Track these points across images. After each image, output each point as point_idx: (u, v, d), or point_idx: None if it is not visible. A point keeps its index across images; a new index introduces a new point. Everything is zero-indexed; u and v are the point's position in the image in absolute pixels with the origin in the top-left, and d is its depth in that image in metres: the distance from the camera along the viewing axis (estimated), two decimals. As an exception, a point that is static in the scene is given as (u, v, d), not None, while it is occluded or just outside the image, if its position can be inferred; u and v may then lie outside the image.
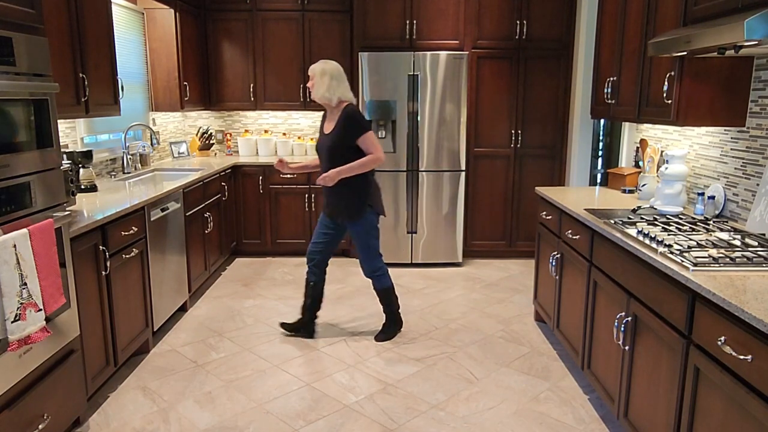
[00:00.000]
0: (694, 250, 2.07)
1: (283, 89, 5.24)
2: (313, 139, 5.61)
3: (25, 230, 2.02)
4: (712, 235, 2.31)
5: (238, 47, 5.19)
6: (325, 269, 3.49)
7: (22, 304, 1.99)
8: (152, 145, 4.32)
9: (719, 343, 1.67)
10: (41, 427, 2.16)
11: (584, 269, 2.81)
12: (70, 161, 3.27)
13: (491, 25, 4.77)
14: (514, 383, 2.96)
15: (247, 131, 5.58)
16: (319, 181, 3.20)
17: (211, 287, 4.43)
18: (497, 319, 3.81)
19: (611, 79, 3.30)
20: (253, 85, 5.24)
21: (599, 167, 5.36)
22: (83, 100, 3.10)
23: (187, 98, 4.80)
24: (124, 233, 2.93)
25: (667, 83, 2.62)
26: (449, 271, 4.87)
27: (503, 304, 4.10)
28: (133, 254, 3.04)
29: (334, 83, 3.19)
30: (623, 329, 2.33)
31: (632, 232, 2.39)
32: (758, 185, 2.48)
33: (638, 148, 3.57)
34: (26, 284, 2.01)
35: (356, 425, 2.57)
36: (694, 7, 2.43)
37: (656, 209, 2.82)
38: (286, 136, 5.63)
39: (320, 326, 3.67)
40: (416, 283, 4.55)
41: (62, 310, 2.33)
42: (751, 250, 2.06)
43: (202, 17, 5.13)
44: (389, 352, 3.31)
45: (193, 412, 2.67)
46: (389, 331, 3.51)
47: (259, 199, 5.10)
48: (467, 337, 3.53)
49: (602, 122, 5.24)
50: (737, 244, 2.16)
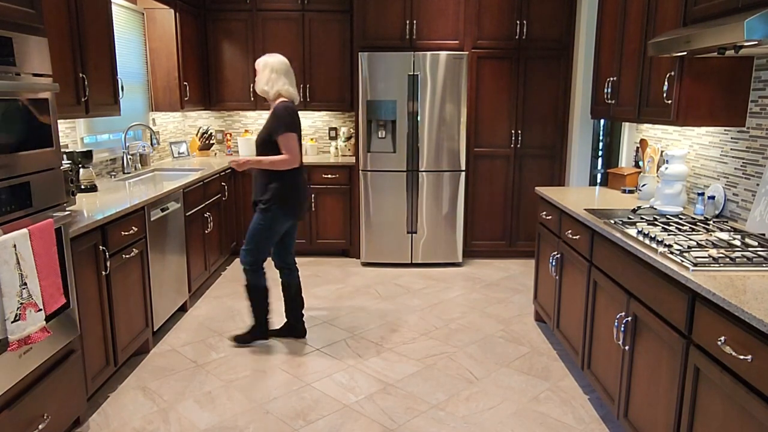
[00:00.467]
0: (694, 250, 2.07)
1: (283, 89, 5.24)
2: (313, 139, 5.61)
3: (25, 230, 2.02)
4: (712, 235, 2.31)
5: (238, 47, 5.19)
6: (291, 266, 3.47)
7: (22, 304, 1.99)
8: (152, 145, 4.32)
9: (719, 343, 1.67)
10: (41, 427, 2.16)
11: (584, 269, 2.81)
12: (70, 161, 3.28)
13: (491, 25, 4.77)
14: (514, 383, 2.96)
15: (247, 131, 5.58)
16: (230, 162, 3.31)
17: (211, 287, 4.43)
18: (497, 319, 3.81)
19: (611, 79, 3.30)
20: (252, 85, 5.23)
21: (599, 167, 5.36)
22: (83, 100, 3.10)
23: (187, 98, 4.80)
24: (124, 233, 2.93)
25: (667, 83, 2.62)
26: (449, 271, 4.87)
27: (503, 304, 4.10)
28: (133, 254, 3.04)
29: (273, 77, 3.20)
30: (623, 329, 2.33)
31: (632, 232, 2.39)
32: (758, 185, 2.48)
33: (638, 148, 3.57)
34: (26, 284, 2.01)
35: (356, 425, 2.57)
36: (694, 7, 2.43)
37: (656, 209, 2.82)
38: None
39: (320, 326, 3.67)
40: (416, 283, 4.55)
41: (62, 310, 2.33)
42: (751, 250, 2.06)
43: (202, 17, 5.13)
44: (389, 352, 3.31)
45: (193, 412, 2.67)
46: (247, 335, 3.43)
47: (259, 199, 5.09)
48: (467, 337, 3.53)
49: (602, 122, 5.24)
50: (737, 244, 2.16)
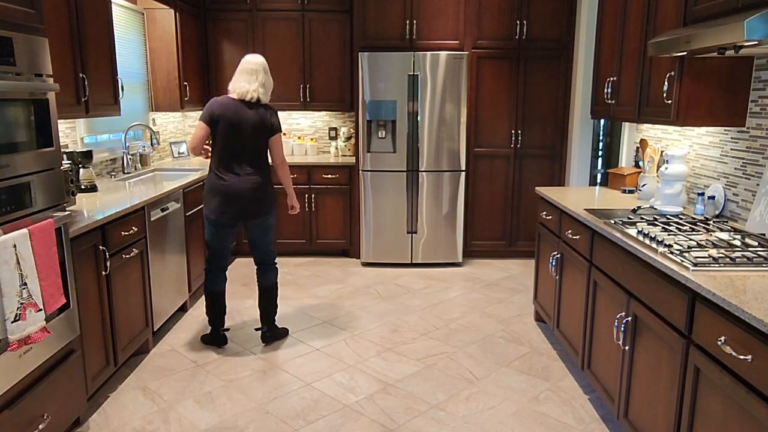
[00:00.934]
0: (694, 250, 2.07)
1: (283, 89, 5.24)
2: (313, 139, 5.61)
3: (25, 230, 2.02)
4: (712, 235, 2.30)
5: (238, 47, 5.19)
6: (262, 265, 3.43)
7: (22, 304, 1.99)
8: (152, 145, 4.32)
9: (719, 343, 1.67)
10: (41, 427, 2.16)
11: (584, 269, 2.81)
12: (70, 161, 3.27)
13: (491, 25, 4.77)
14: (514, 383, 2.96)
15: (247, 131, 5.57)
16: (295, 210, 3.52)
17: (211, 287, 4.43)
18: (497, 319, 3.81)
19: (611, 79, 3.30)
20: (253, 85, 5.23)
21: (599, 167, 5.36)
22: (83, 100, 3.10)
23: (187, 98, 4.80)
24: (124, 233, 2.93)
25: (667, 83, 2.62)
26: (449, 271, 4.87)
27: (503, 304, 4.10)
28: (133, 254, 3.04)
29: (235, 76, 3.21)
30: (623, 329, 2.33)
31: (632, 232, 2.39)
32: (758, 185, 2.48)
33: (638, 148, 3.57)
34: (26, 284, 2.01)
35: (356, 425, 2.57)
36: (694, 7, 2.43)
37: (656, 209, 2.82)
38: (286, 136, 5.62)
39: (320, 326, 3.67)
40: (416, 283, 4.55)
41: (62, 310, 2.33)
42: (751, 250, 2.06)
43: (202, 17, 5.13)
44: (389, 352, 3.31)
45: (193, 412, 2.67)
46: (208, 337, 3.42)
47: (259, 199, 5.09)
48: (467, 337, 3.53)
49: (602, 122, 5.24)
50: (737, 244, 2.16)
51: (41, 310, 2.09)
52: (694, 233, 2.33)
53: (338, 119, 5.64)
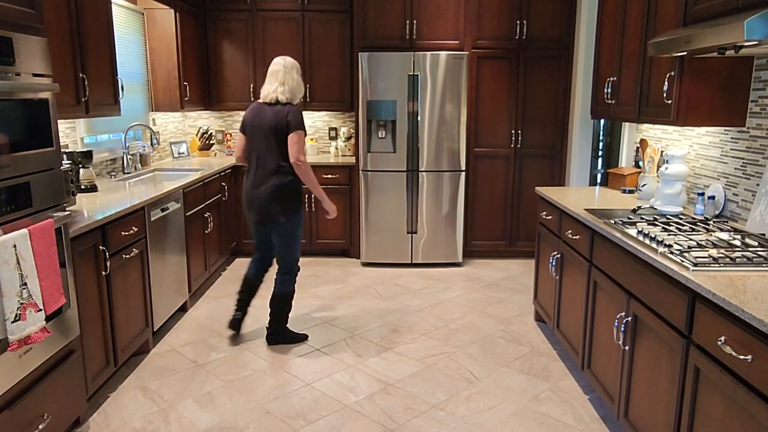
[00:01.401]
0: (694, 250, 2.07)
1: (283, 89, 5.24)
2: (313, 139, 5.61)
3: (25, 230, 2.02)
4: (712, 235, 2.30)
5: (238, 47, 5.19)
6: (261, 260, 3.49)
7: (22, 304, 1.99)
8: (152, 145, 4.32)
9: (719, 343, 1.67)
10: (41, 427, 2.16)
11: (584, 269, 2.81)
12: (70, 161, 3.28)
13: (491, 25, 4.77)
14: (514, 383, 2.96)
15: (247, 131, 5.58)
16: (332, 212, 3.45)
17: (211, 287, 4.43)
18: (497, 319, 3.81)
19: (611, 79, 3.30)
20: (253, 85, 5.23)
21: (599, 167, 5.36)
22: (83, 100, 3.10)
23: (187, 98, 4.80)
24: (124, 233, 2.93)
25: (667, 83, 2.62)
26: (449, 271, 4.87)
27: (503, 304, 4.10)
28: (133, 254, 3.04)
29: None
30: (623, 329, 2.33)
31: (632, 232, 2.39)
32: (758, 185, 2.48)
33: (638, 148, 3.57)
34: (26, 284, 2.01)
35: (356, 425, 2.57)
36: (694, 7, 2.43)
37: (656, 209, 2.82)
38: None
39: (320, 326, 3.67)
40: (416, 283, 4.55)
41: (62, 310, 2.33)
42: (751, 250, 2.06)
43: (202, 17, 5.13)
44: (389, 352, 3.31)
45: (193, 412, 2.67)
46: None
47: (259, 199, 5.09)
48: (467, 337, 3.53)
49: (602, 122, 5.24)
50: (737, 244, 2.15)
51: (41, 310, 2.09)
52: (694, 233, 2.33)
53: (338, 119, 5.64)
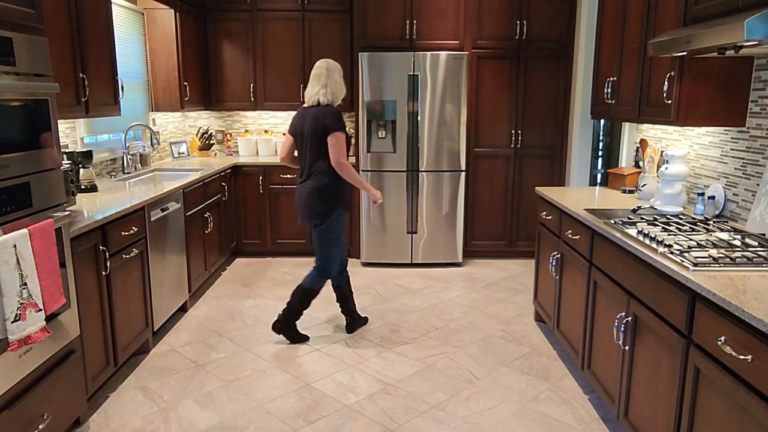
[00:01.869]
0: (694, 250, 2.07)
1: (283, 89, 5.24)
2: (313, 139, 5.61)
3: (25, 230, 2.02)
4: (712, 235, 2.30)
5: (238, 47, 5.19)
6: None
7: (22, 304, 1.99)
8: (152, 145, 4.32)
9: (719, 343, 1.67)
10: (41, 427, 2.16)
11: (584, 269, 2.81)
12: (70, 161, 3.28)
13: (491, 25, 4.77)
14: (514, 383, 2.96)
15: (247, 131, 5.58)
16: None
17: (211, 287, 4.43)
18: (497, 319, 3.81)
19: (611, 79, 3.30)
20: (253, 85, 5.24)
21: (599, 167, 5.36)
22: (83, 100, 3.10)
23: (187, 98, 4.80)
24: (124, 233, 2.93)
25: (667, 83, 2.62)
26: (449, 271, 4.87)
27: (503, 304, 4.10)
28: (133, 254, 3.04)
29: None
30: (623, 329, 2.33)
31: (632, 232, 2.39)
32: (758, 185, 2.48)
33: (638, 148, 3.57)
34: (26, 284, 2.01)
35: (356, 425, 2.57)
36: (694, 7, 2.43)
37: (656, 209, 2.82)
38: (286, 136, 5.62)
39: (320, 326, 3.67)
40: (416, 283, 4.55)
41: (62, 310, 2.33)
42: (751, 250, 2.06)
43: (202, 17, 5.13)
44: (389, 352, 3.31)
45: (193, 412, 2.67)
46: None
47: (259, 199, 5.10)
48: (467, 337, 3.53)
49: (602, 122, 5.24)
50: (737, 244, 2.15)
51: (41, 310, 2.09)
52: (694, 233, 2.33)
53: (338, 119, 5.63)
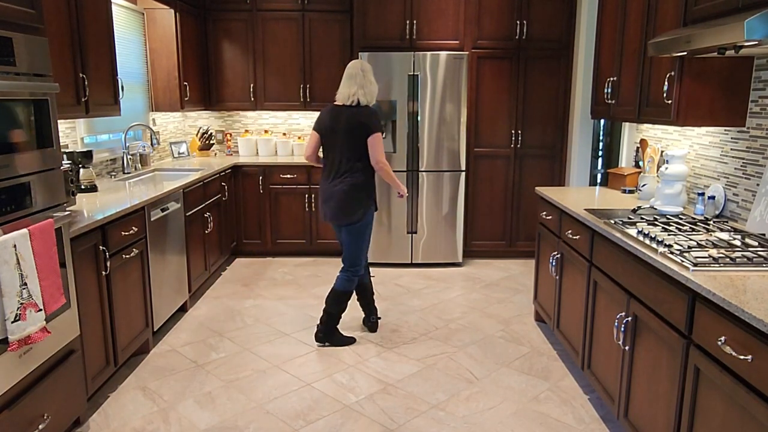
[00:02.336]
0: (694, 250, 2.07)
1: (283, 89, 5.24)
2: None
3: (25, 230, 2.02)
4: (712, 235, 2.30)
5: (238, 47, 5.19)
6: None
7: (22, 304, 1.99)
8: (152, 145, 4.32)
9: (719, 343, 1.67)
10: (41, 427, 2.16)
11: (584, 269, 2.81)
12: (70, 161, 3.28)
13: (491, 25, 4.77)
14: (514, 383, 2.96)
15: (247, 131, 5.58)
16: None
17: (211, 287, 4.43)
18: (497, 319, 3.81)
19: (611, 79, 3.30)
20: (253, 85, 5.24)
21: (599, 167, 5.36)
22: (83, 100, 3.10)
23: (187, 98, 4.80)
24: (124, 233, 2.93)
25: (667, 83, 2.62)
26: (449, 271, 4.87)
27: (503, 304, 4.10)
28: (133, 254, 3.04)
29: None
30: (623, 329, 2.33)
31: (632, 232, 2.39)
32: (758, 185, 2.48)
33: (638, 148, 3.57)
34: (26, 284, 2.01)
35: (356, 425, 2.57)
36: (694, 7, 2.43)
37: (656, 209, 2.82)
38: (286, 136, 5.63)
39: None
40: (416, 283, 4.55)
41: (62, 310, 2.33)
42: (751, 250, 2.06)
43: (202, 17, 5.13)
44: (389, 352, 3.31)
45: (193, 412, 2.67)
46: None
47: (259, 199, 5.10)
48: (467, 337, 3.53)
49: (602, 122, 5.24)
50: (737, 244, 2.16)
51: (41, 310, 2.09)
52: (694, 233, 2.33)
53: (338, 119, 5.63)
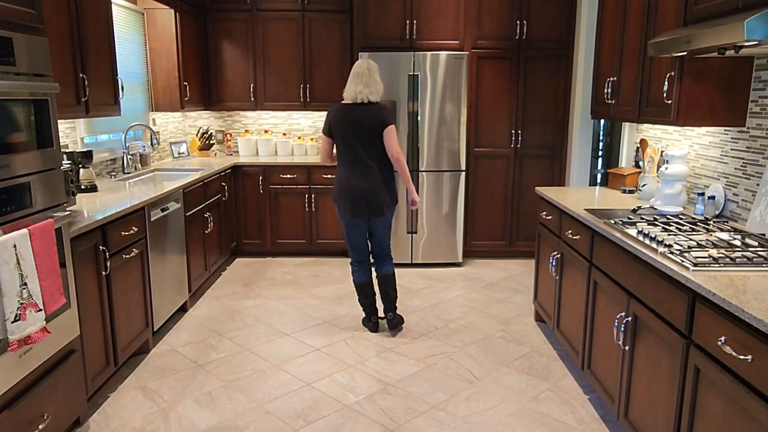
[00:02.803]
0: (694, 250, 2.07)
1: (283, 89, 5.24)
2: (313, 139, 5.61)
3: (25, 230, 2.02)
4: (712, 235, 2.30)
5: (238, 47, 5.19)
6: (376, 261, 3.65)
7: (22, 304, 1.99)
8: (152, 145, 4.32)
9: (719, 343, 1.67)
10: (41, 427, 2.16)
11: (584, 269, 2.81)
12: (70, 161, 3.28)
13: (491, 25, 4.77)
14: (514, 383, 2.96)
15: (247, 131, 5.58)
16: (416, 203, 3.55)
17: (211, 287, 4.43)
18: (497, 319, 3.81)
19: (611, 79, 3.30)
20: (253, 85, 5.24)
21: (599, 167, 5.36)
22: (83, 100, 3.10)
23: (187, 98, 4.80)
24: (124, 233, 2.93)
25: (667, 83, 2.62)
26: (449, 271, 4.87)
27: (503, 304, 4.10)
28: (133, 254, 3.04)
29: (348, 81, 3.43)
30: (623, 329, 2.33)
31: (632, 232, 2.39)
32: (758, 185, 2.48)
33: (638, 148, 3.57)
34: (26, 284, 2.01)
35: (356, 425, 2.57)
36: (694, 7, 2.43)
37: (656, 209, 2.82)
38: (286, 136, 5.63)
39: (320, 326, 3.67)
40: (416, 283, 4.55)
41: (62, 310, 2.33)
42: (751, 250, 2.06)
43: (202, 17, 5.13)
44: (389, 352, 3.31)
45: (193, 412, 2.68)
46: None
47: (259, 199, 5.10)
48: (467, 337, 3.53)
49: (602, 122, 5.24)
50: (737, 244, 2.16)
51: (41, 310, 2.09)
52: (694, 233, 2.33)
53: (338, 119, 5.63)
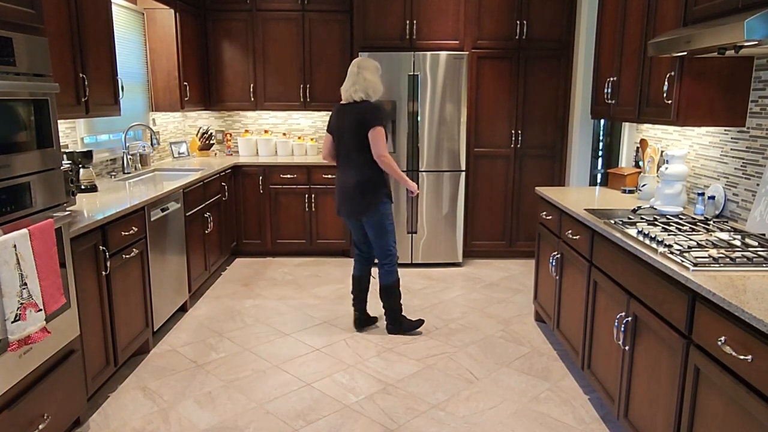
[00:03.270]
0: (694, 250, 2.07)
1: (283, 89, 5.24)
2: (313, 139, 5.61)
3: (25, 230, 2.02)
4: (712, 235, 2.30)
5: (238, 47, 5.19)
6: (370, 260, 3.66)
7: (22, 304, 1.99)
8: (152, 145, 4.32)
9: (719, 343, 1.67)
10: (41, 427, 2.16)
11: (584, 269, 2.81)
12: (70, 161, 3.28)
13: (491, 25, 4.77)
14: (514, 383, 2.96)
15: (247, 131, 5.58)
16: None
17: (211, 287, 4.43)
18: (497, 319, 3.81)
19: (611, 79, 3.30)
20: (253, 85, 5.24)
21: (599, 167, 5.36)
22: (83, 100, 3.10)
23: (187, 98, 4.80)
24: (124, 233, 2.93)
25: (667, 83, 2.62)
26: (449, 271, 4.87)
27: (503, 304, 4.10)
28: (133, 254, 3.04)
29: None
30: (623, 329, 2.33)
31: (632, 232, 2.39)
32: (758, 185, 2.48)
33: (638, 148, 3.57)
34: (26, 284, 2.01)
35: (356, 425, 2.57)
36: (694, 7, 2.43)
37: (656, 209, 2.82)
38: (286, 136, 5.63)
39: (320, 326, 3.68)
40: (416, 283, 4.55)
41: (62, 310, 2.33)
42: (751, 250, 2.06)
43: (202, 17, 5.13)
44: (389, 352, 3.31)
45: (193, 412, 2.68)
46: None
47: (259, 199, 5.10)
48: (467, 337, 3.53)
49: (602, 122, 5.24)
50: (737, 244, 2.16)
51: (41, 310, 2.09)
52: (694, 233, 2.33)
53: (338, 119, 5.63)
